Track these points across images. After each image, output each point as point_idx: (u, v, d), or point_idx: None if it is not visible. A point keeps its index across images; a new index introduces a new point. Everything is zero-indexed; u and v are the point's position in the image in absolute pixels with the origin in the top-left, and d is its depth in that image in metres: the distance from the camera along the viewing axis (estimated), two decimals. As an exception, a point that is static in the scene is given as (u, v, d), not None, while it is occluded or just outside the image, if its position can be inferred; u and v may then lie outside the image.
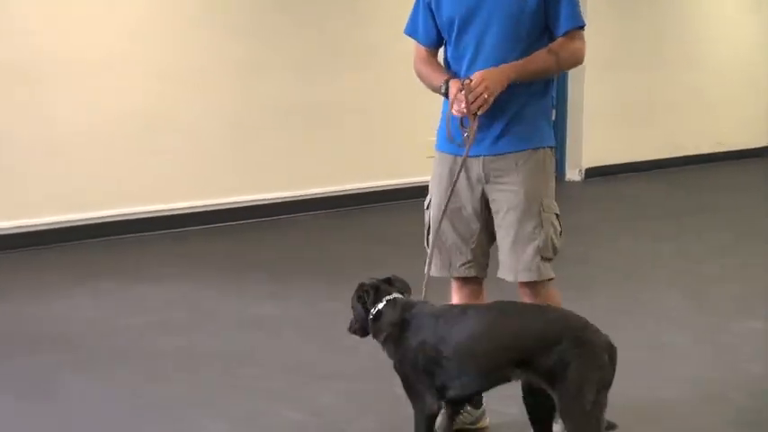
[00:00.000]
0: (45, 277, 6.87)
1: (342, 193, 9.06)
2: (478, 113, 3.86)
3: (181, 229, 8.22)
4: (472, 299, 4.21)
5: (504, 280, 4.09)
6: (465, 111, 3.90)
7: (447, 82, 4.00)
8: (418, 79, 4.25)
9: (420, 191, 4.70)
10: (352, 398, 4.66)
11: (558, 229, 4.04)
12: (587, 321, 3.53)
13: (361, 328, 3.81)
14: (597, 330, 3.51)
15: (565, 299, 4.46)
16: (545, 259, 3.99)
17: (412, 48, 4.11)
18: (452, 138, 4.04)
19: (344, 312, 5.33)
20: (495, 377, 3.61)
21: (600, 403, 3.47)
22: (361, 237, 8.25)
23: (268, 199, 8.74)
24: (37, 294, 6.45)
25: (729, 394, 4.83)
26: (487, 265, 4.18)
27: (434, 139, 4.33)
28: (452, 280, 4.23)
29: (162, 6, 8.10)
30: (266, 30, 8.67)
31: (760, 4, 13.00)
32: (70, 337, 5.63)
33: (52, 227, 7.63)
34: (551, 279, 4.06)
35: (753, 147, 13.12)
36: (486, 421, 4.36)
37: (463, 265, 4.14)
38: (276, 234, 8.25)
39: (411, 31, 4.27)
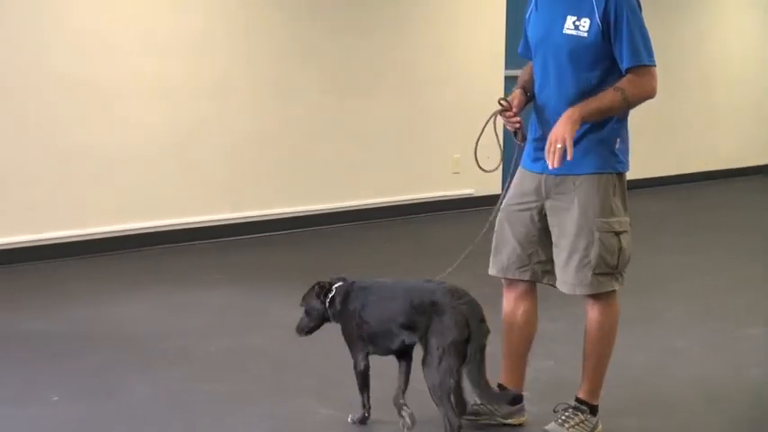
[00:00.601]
0: (105, 283, 6.93)
1: (371, 206, 9.10)
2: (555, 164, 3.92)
3: (226, 238, 8.30)
4: (519, 301, 4.30)
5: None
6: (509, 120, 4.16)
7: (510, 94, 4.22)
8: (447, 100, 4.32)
9: (447, 204, 4.76)
10: (386, 396, 4.70)
11: (616, 246, 4.04)
12: (456, 292, 3.98)
13: (314, 324, 4.37)
14: (461, 300, 3.95)
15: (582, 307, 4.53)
16: (600, 274, 4.04)
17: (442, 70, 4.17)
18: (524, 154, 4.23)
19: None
20: (396, 338, 4.12)
21: (449, 358, 3.91)
22: (394, 246, 8.26)
23: (303, 211, 8.80)
24: (98, 299, 6.51)
25: (734, 396, 4.89)
26: (545, 272, 4.22)
27: (459, 156, 4.47)
28: (503, 279, 4.31)
29: (208, 45, 8.21)
30: (301, 53, 8.74)
31: (764, 31, 12.99)
32: (126, 338, 5.69)
33: (110, 235, 7.73)
34: (613, 291, 4.13)
35: (753, 165, 13.08)
36: (523, 416, 4.41)
37: (518, 268, 4.23)
38: (313, 244, 8.27)
39: (520, 47, 4.39)
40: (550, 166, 3.93)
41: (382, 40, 9.27)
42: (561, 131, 3.88)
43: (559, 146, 3.86)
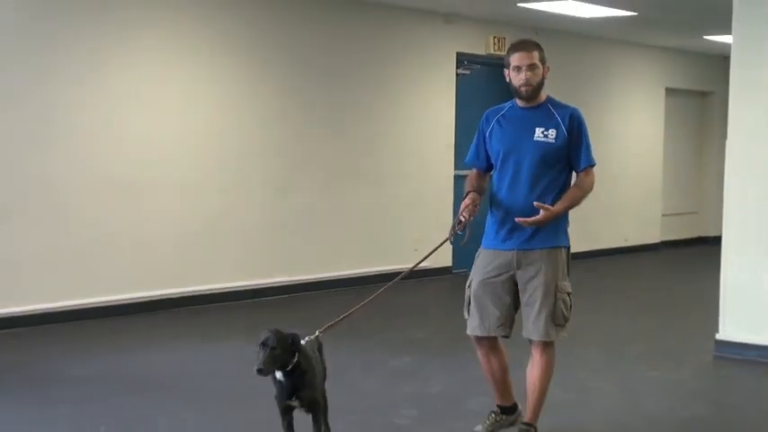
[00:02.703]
0: (140, 337, 6.89)
1: (349, 276, 9.12)
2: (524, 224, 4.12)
3: (238, 301, 8.24)
4: (490, 353, 4.37)
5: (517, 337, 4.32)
6: (462, 213, 4.20)
7: (468, 193, 4.26)
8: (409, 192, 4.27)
9: (412, 274, 4.79)
10: (360, 425, 4.69)
11: (569, 303, 4.21)
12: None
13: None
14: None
15: (514, 358, 4.55)
16: (558, 325, 4.18)
17: (416, 169, 4.07)
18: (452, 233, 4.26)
19: (357, 362, 5.37)
20: None
21: None
22: (367, 307, 8.20)
23: (298, 279, 8.80)
24: (134, 350, 6.48)
25: (636, 425, 4.91)
26: (512, 327, 4.31)
27: (419, 237, 4.55)
28: (473, 338, 4.36)
29: (225, 148, 8.27)
30: (298, 155, 8.81)
31: (658, 137, 13.17)
32: (157, 381, 5.67)
33: (144, 300, 7.68)
34: (554, 342, 4.24)
35: (649, 242, 13.18)
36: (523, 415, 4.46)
37: (499, 327, 4.27)
38: (304, 304, 8.19)
39: (468, 158, 4.48)
40: (524, 225, 4.11)
41: (361, 146, 9.37)
42: (545, 220, 4.09)
43: (529, 224, 4.10)
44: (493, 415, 4.47)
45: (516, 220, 4.13)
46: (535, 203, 4.11)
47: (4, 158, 6.89)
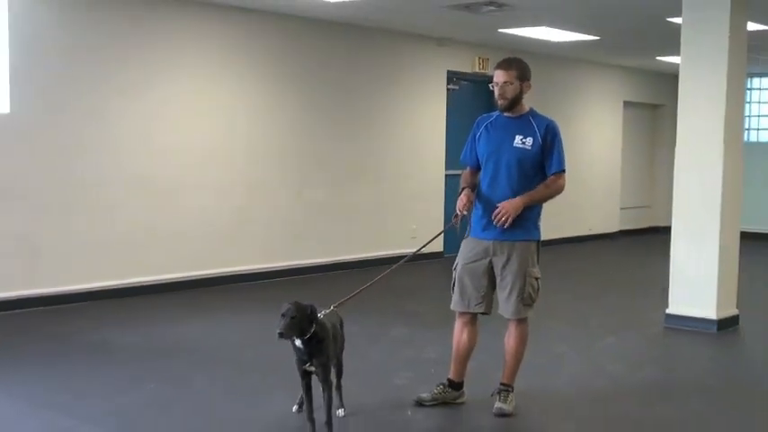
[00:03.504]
0: (177, 311, 6.91)
1: (356, 259, 9.16)
2: (499, 224, 4.10)
3: (260, 281, 8.27)
4: (465, 327, 4.36)
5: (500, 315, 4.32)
6: (459, 209, 4.16)
7: (463, 189, 4.24)
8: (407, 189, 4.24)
9: (410, 258, 4.81)
10: (366, 385, 4.71)
11: (536, 287, 4.20)
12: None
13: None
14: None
15: (492, 329, 4.57)
16: (526, 305, 4.19)
17: (413, 169, 4.11)
18: (457, 224, 4.24)
19: (363, 333, 5.40)
20: None
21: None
22: (371, 286, 8.20)
23: (311, 263, 8.83)
24: (173, 322, 6.50)
25: (598, 385, 4.94)
26: (491, 306, 4.30)
27: (416, 227, 4.52)
28: (457, 312, 4.37)
29: (250, 154, 8.28)
30: (312, 158, 8.82)
31: (617, 143, 13.20)
32: (194, 347, 5.69)
33: (176, 280, 7.72)
34: (527, 316, 4.27)
35: (609, 231, 13.21)
36: (464, 398, 4.46)
37: (477, 305, 4.27)
38: (317, 283, 8.22)
39: (462, 157, 4.44)
40: (497, 225, 4.09)
41: (366, 151, 9.38)
42: (511, 209, 4.08)
43: (504, 218, 4.06)
44: (441, 386, 4.41)
45: (493, 218, 4.13)
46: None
47: (57, 161, 6.90)
